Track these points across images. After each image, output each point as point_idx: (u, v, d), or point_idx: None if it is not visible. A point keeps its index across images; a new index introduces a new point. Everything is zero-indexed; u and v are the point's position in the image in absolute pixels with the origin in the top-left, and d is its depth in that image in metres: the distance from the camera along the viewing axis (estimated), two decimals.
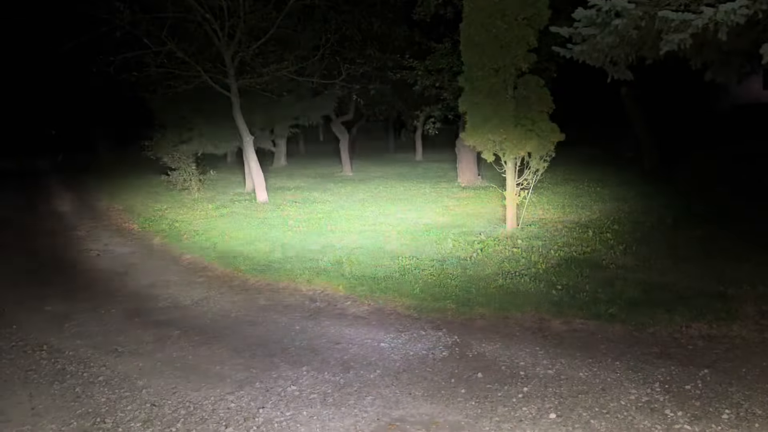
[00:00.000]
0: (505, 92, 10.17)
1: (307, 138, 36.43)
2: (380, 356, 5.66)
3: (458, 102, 10.82)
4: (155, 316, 7.12)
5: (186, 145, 17.90)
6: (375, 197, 15.94)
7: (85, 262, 10.14)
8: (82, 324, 6.83)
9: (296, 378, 5.23)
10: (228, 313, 7.18)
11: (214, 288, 8.30)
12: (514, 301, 6.99)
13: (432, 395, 4.84)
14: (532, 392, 4.83)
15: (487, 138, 10.27)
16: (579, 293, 7.09)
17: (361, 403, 4.72)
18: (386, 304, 7.23)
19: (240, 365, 5.55)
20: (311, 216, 13.21)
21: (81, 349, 6.02)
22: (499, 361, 5.48)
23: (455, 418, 4.47)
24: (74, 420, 4.56)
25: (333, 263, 9.01)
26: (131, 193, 18.60)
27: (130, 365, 5.61)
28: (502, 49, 9.91)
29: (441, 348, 5.83)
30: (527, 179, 10.54)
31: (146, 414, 4.64)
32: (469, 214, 12.70)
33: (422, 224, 11.77)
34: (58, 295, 8.03)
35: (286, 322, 6.77)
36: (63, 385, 5.19)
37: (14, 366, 5.64)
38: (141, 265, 9.76)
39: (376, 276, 8.26)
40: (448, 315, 6.78)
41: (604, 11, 7.06)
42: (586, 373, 5.13)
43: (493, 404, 4.66)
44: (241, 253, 10.02)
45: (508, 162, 10.55)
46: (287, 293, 7.94)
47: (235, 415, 4.58)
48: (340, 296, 7.65)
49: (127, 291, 8.24)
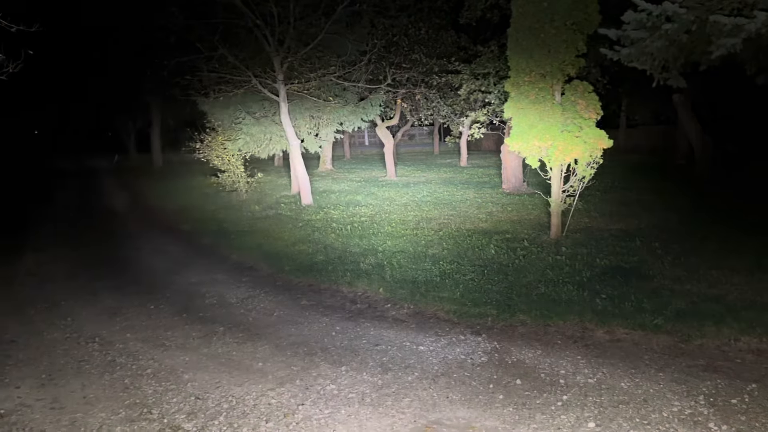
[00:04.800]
0: (552, 98, 10.06)
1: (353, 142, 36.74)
2: (419, 359, 5.69)
3: (504, 107, 10.77)
4: (202, 312, 7.33)
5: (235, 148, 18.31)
6: (418, 202, 15.96)
7: (137, 259, 10.50)
8: (132, 318, 7.09)
9: (335, 377, 5.31)
10: (271, 312, 7.33)
11: (259, 287, 8.48)
12: (556, 309, 6.91)
13: (469, 400, 4.84)
14: (571, 401, 4.78)
15: (532, 144, 10.18)
16: (624, 303, 6.95)
17: (398, 404, 4.76)
18: (426, 308, 7.26)
19: (281, 363, 5.67)
20: (354, 219, 13.34)
21: (130, 342, 6.26)
22: (539, 368, 5.44)
23: (492, 423, 4.46)
24: (123, 410, 4.75)
25: (374, 266, 9.09)
26: (182, 193, 19.17)
27: (176, 359, 5.80)
28: (550, 53, 9.82)
29: (480, 353, 5.82)
30: (573, 186, 10.39)
31: (190, 406, 4.79)
32: (513, 220, 12.59)
33: (465, 229, 11.74)
34: (111, 290, 8.35)
35: (327, 322, 6.87)
36: (113, 376, 5.41)
37: (68, 356, 5.90)
38: (189, 264, 10.05)
39: (416, 280, 8.30)
40: (488, 321, 6.76)
41: (654, 15, 6.94)
42: (627, 384, 5.04)
43: (531, 411, 4.63)
44: (285, 254, 10.21)
45: (553, 168, 10.42)
46: (329, 294, 8.06)
47: (276, 411, 4.69)
48: (381, 299, 7.72)
49: (175, 288, 8.50)
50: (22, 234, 12.83)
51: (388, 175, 23.32)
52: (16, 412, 4.69)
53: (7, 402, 4.85)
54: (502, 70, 14.03)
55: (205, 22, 15.02)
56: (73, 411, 4.72)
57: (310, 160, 18.94)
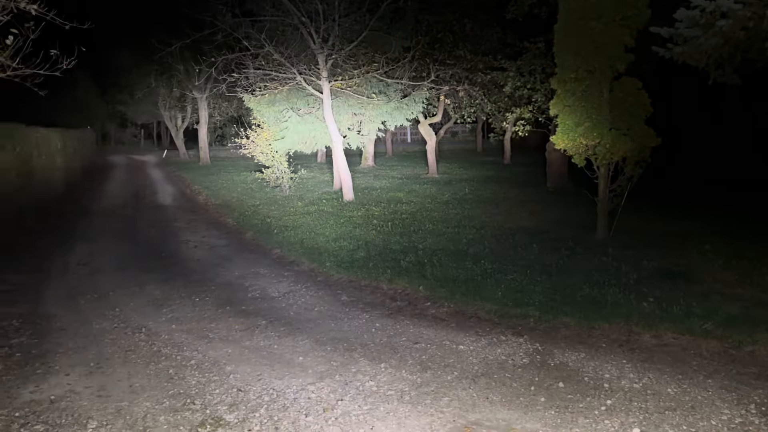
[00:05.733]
0: (600, 95, 9.83)
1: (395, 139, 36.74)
2: (458, 358, 5.65)
3: (550, 104, 10.58)
4: (245, 305, 7.45)
5: (279, 144, 18.55)
6: (460, 200, 15.85)
7: (183, 252, 10.75)
8: (177, 310, 7.25)
9: (374, 374, 5.32)
10: (312, 307, 7.39)
11: (300, 282, 8.56)
12: (601, 312, 6.75)
13: (510, 401, 4.77)
14: (615, 405, 4.66)
15: (579, 142, 9.97)
16: (672, 306, 6.74)
17: (437, 403, 4.73)
18: (466, 307, 7.19)
19: (321, 357, 5.71)
20: (395, 216, 13.33)
21: (175, 334, 6.40)
22: (583, 371, 5.32)
23: (533, 426, 4.39)
24: (167, 399, 4.86)
25: (415, 264, 9.06)
26: (228, 188, 19.53)
27: (219, 351, 5.90)
28: (598, 50, 9.59)
29: (521, 355, 5.74)
30: (621, 185, 10.13)
31: (232, 398, 4.87)
32: (557, 219, 12.38)
33: (507, 228, 11.59)
34: (157, 282, 8.56)
35: (366, 318, 6.88)
36: (158, 366, 5.54)
37: (116, 346, 6.07)
38: (233, 257, 10.23)
39: (457, 278, 8.23)
40: (530, 322, 6.66)
41: (708, 12, 6.69)
42: (675, 390, 4.89)
43: (573, 415, 4.54)
44: (326, 249, 10.28)
45: (600, 167, 10.19)
46: (369, 291, 8.07)
47: (315, 405, 4.72)
48: (421, 297, 7.69)
49: (219, 281, 8.66)
50: (74, 225, 13.29)
51: (429, 173, 23.24)
52: (66, 398, 4.85)
53: (57, 388, 5.03)
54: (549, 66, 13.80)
55: (252, 20, 15.27)
56: (119, 399, 4.85)
57: (352, 157, 19.02)
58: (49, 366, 5.48)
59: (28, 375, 5.27)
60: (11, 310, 7.10)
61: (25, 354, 5.75)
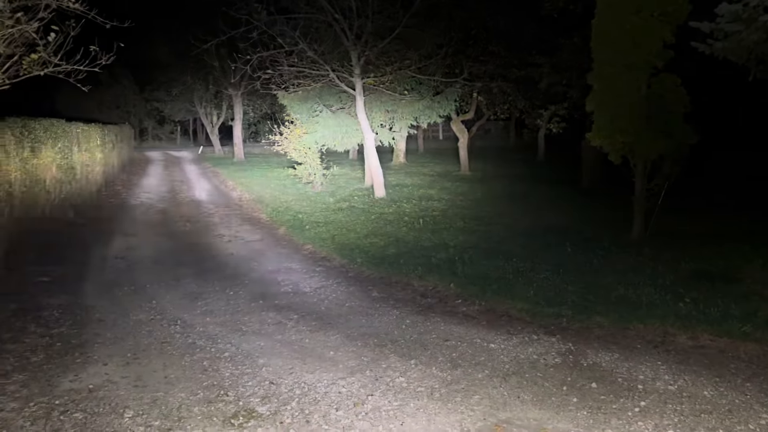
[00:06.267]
0: (637, 91, 9.64)
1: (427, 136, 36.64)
2: (489, 357, 5.62)
3: (586, 100, 10.41)
4: (277, 300, 7.53)
5: (312, 141, 18.68)
6: (492, 197, 15.74)
7: (217, 246, 10.92)
8: (212, 303, 7.38)
9: (405, 370, 5.32)
10: (343, 303, 7.44)
11: (332, 278, 8.62)
12: (636, 312, 6.64)
13: (542, 401, 4.73)
14: (650, 407, 4.58)
15: (615, 139, 9.80)
16: (710, 308, 6.59)
17: (468, 401, 4.72)
18: (498, 306, 7.15)
19: (352, 353, 5.74)
20: (426, 213, 13.31)
21: (210, 326, 6.51)
22: (616, 372, 5.24)
23: (565, 426, 4.34)
24: (201, 391, 4.95)
25: (446, 261, 9.04)
26: (261, 184, 19.76)
27: (252, 344, 5.98)
28: (636, 45, 9.41)
29: (554, 354, 5.68)
30: (658, 184, 9.92)
31: (265, 391, 4.93)
32: (592, 218, 12.19)
33: (540, 226, 11.47)
34: (192, 275, 8.72)
35: (397, 315, 6.89)
36: (193, 358, 5.64)
37: (152, 337, 6.21)
38: (266, 252, 10.36)
39: (488, 276, 8.18)
40: (563, 321, 6.58)
41: (751, 6, 6.50)
42: (711, 392, 4.78)
43: (606, 416, 4.47)
44: (357, 246, 10.32)
45: (637, 165, 10.00)
46: (399, 287, 8.08)
47: (346, 400, 4.75)
48: (451, 294, 7.67)
49: (253, 275, 8.77)
50: (112, 219, 13.61)
51: (461, 170, 23.12)
52: (104, 387, 4.98)
53: (95, 378, 5.17)
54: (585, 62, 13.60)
55: (287, 18, 15.40)
56: (155, 389, 4.96)
57: (383, 154, 19.03)
58: (87, 356, 5.63)
59: (68, 364, 5.43)
60: (52, 300, 7.31)
61: (65, 344, 5.92)
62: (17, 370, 5.23)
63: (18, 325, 6.39)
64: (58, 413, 4.50)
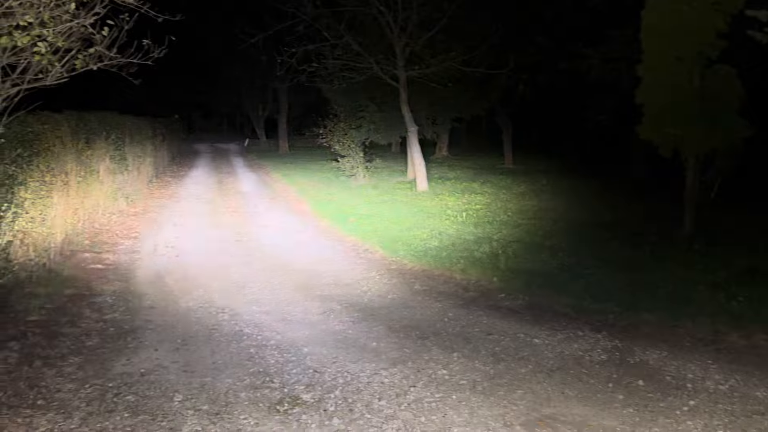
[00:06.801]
0: (690, 82, 9.35)
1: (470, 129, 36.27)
2: (533, 352, 5.56)
3: (636, 92, 10.14)
4: (320, 290, 7.63)
5: (355, 134, 18.78)
6: (537, 191, 15.53)
7: (262, 236, 11.11)
8: (258, 292, 7.52)
9: (447, 362, 5.33)
10: (385, 294, 7.47)
11: (374, 269, 8.67)
12: (686, 310, 6.47)
13: (587, 397, 4.67)
14: (699, 406, 4.47)
15: (666, 132, 9.54)
16: (764, 306, 6.37)
17: (511, 395, 4.69)
18: (542, 301, 7.07)
19: (394, 344, 5.77)
20: (469, 207, 13.23)
21: (256, 315, 6.64)
22: (664, 370, 5.13)
23: (610, 423, 4.28)
24: (247, 377, 5.06)
25: (489, 255, 8.97)
26: (305, 176, 19.99)
27: (297, 333, 6.08)
28: (688, 35, 9.11)
29: (599, 351, 5.59)
30: (710, 178, 9.62)
31: (309, 378, 5.01)
32: (641, 213, 11.91)
33: (587, 221, 11.26)
34: (238, 265, 8.89)
35: (439, 308, 6.89)
36: (240, 345, 5.77)
37: (200, 324, 6.37)
38: (310, 243, 10.48)
39: (533, 271, 8.09)
40: (609, 318, 6.47)
41: None
42: (764, 393, 4.63)
43: (653, 414, 4.38)
44: (399, 238, 10.34)
45: (688, 159, 9.71)
46: (442, 280, 8.07)
47: (388, 390, 4.79)
48: (494, 288, 7.62)
49: (297, 266, 8.90)
50: (162, 209, 13.98)
51: (505, 163, 22.87)
52: (154, 372, 5.15)
53: (146, 362, 5.34)
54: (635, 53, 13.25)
55: (332, 11, 15.49)
56: (203, 375, 5.10)
57: (426, 147, 18.97)
58: (139, 341, 5.82)
59: (121, 349, 5.62)
60: (106, 287, 7.58)
61: (118, 329, 6.13)
62: (73, 353, 5.45)
63: (74, 310, 6.65)
64: (112, 395, 4.67)
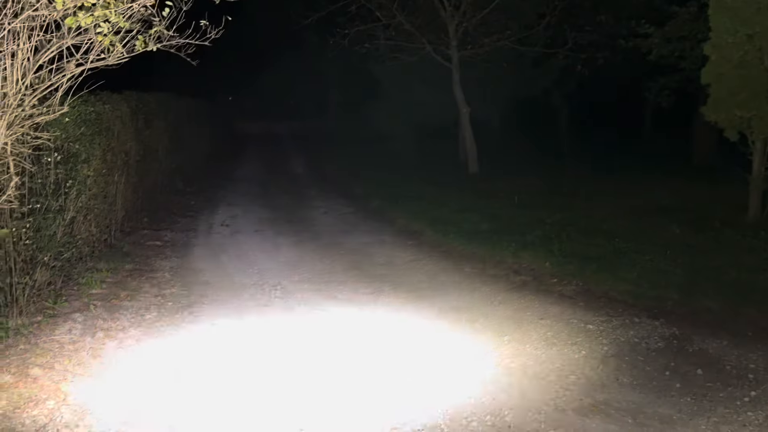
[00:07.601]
0: (760, 62, 8.87)
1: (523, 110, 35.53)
2: (587, 338, 5.45)
3: (701, 72, 9.70)
4: (371, 270, 7.67)
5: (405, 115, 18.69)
6: (593, 172, 15.12)
7: (314, 217, 11.24)
8: (309, 271, 7.62)
9: (497, 345, 5.28)
10: (435, 276, 7.45)
11: (424, 252, 8.65)
12: (750, 298, 6.21)
13: (642, 385, 4.55)
14: (761, 398, 4.29)
15: (732, 114, 9.11)
16: None
17: (563, 380, 4.61)
18: (597, 286, 6.90)
19: (445, 326, 5.76)
20: (522, 189, 13.00)
21: (307, 293, 6.74)
22: (725, 359, 4.94)
23: (666, 411, 4.16)
24: None
25: (541, 238, 8.81)
26: (355, 158, 20.05)
27: (347, 311, 6.14)
28: (760, 11, 8.62)
29: (656, 338, 5.43)
30: None
31: None
32: (703, 197, 11.46)
33: (646, 204, 10.91)
34: (290, 244, 9.04)
35: (489, 291, 6.82)
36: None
37: (254, 300, 6.50)
38: (360, 225, 10.54)
39: (587, 255, 7.90)
40: (667, 304, 6.27)
41: None
42: None
43: (712, 404, 4.24)
44: (450, 220, 10.26)
45: (756, 142, 9.26)
46: (492, 264, 7.97)
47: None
48: (547, 272, 7.48)
49: (347, 246, 8.97)
50: (217, 190, 14.32)
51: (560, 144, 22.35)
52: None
53: (204, 335, 5.51)
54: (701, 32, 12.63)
55: None
56: None
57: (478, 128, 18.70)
58: (195, 315, 6.00)
59: (178, 322, 5.80)
60: (164, 263, 7.83)
61: (176, 303, 6.33)
62: (133, 325, 5.66)
63: (133, 284, 6.90)
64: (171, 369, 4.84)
